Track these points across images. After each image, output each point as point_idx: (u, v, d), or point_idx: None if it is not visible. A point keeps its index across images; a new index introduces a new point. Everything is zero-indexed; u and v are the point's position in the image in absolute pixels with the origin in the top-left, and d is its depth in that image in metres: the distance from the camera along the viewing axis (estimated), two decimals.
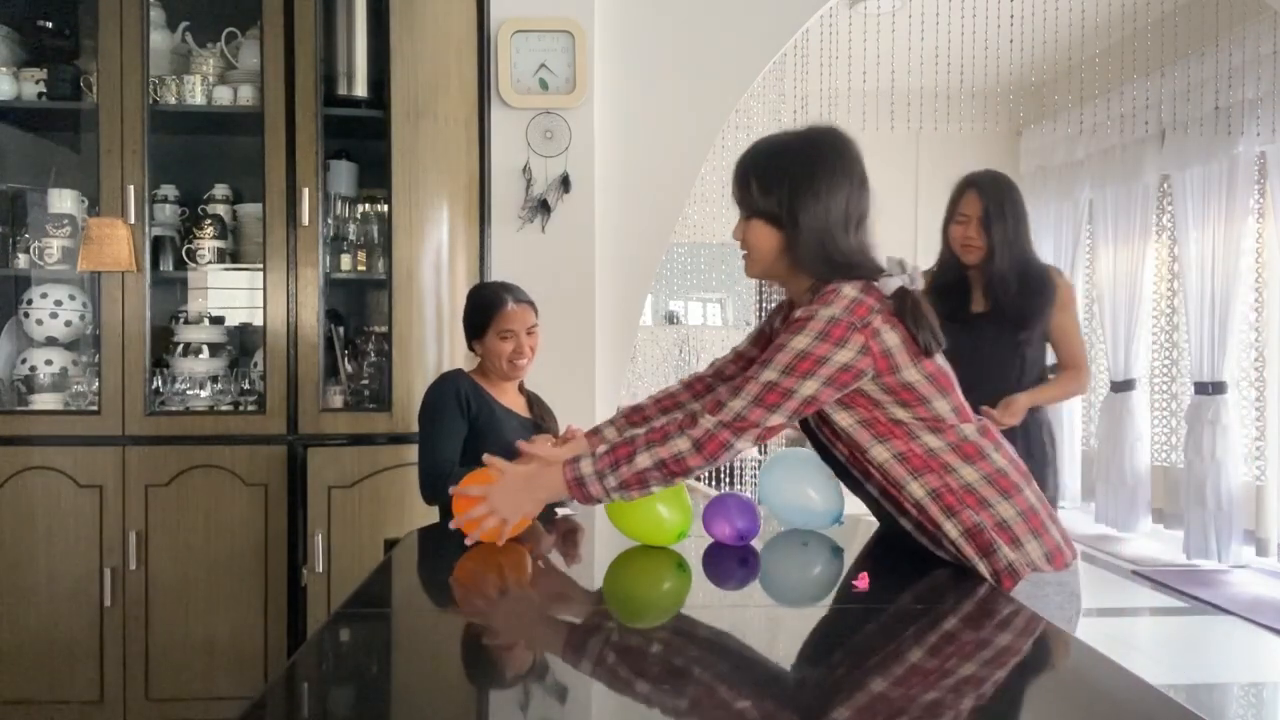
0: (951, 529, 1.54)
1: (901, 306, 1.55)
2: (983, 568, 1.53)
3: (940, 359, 1.60)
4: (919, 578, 1.62)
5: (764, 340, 1.86)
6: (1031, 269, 2.68)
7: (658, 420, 1.88)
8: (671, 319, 6.65)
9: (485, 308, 2.37)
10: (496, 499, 1.63)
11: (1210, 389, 5.38)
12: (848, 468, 1.62)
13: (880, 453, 1.55)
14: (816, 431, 1.64)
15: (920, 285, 1.59)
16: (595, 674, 1.20)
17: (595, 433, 1.95)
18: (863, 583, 1.51)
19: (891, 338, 1.52)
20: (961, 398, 1.61)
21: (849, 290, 1.53)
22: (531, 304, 2.41)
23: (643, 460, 1.52)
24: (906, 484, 1.55)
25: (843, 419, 1.56)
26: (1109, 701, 1.11)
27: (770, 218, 1.60)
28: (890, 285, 1.56)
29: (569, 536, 2.06)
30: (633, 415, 1.93)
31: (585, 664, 1.24)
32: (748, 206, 1.63)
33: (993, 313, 2.66)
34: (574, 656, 1.27)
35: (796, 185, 1.58)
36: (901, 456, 1.55)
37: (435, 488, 2.25)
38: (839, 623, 1.46)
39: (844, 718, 1.06)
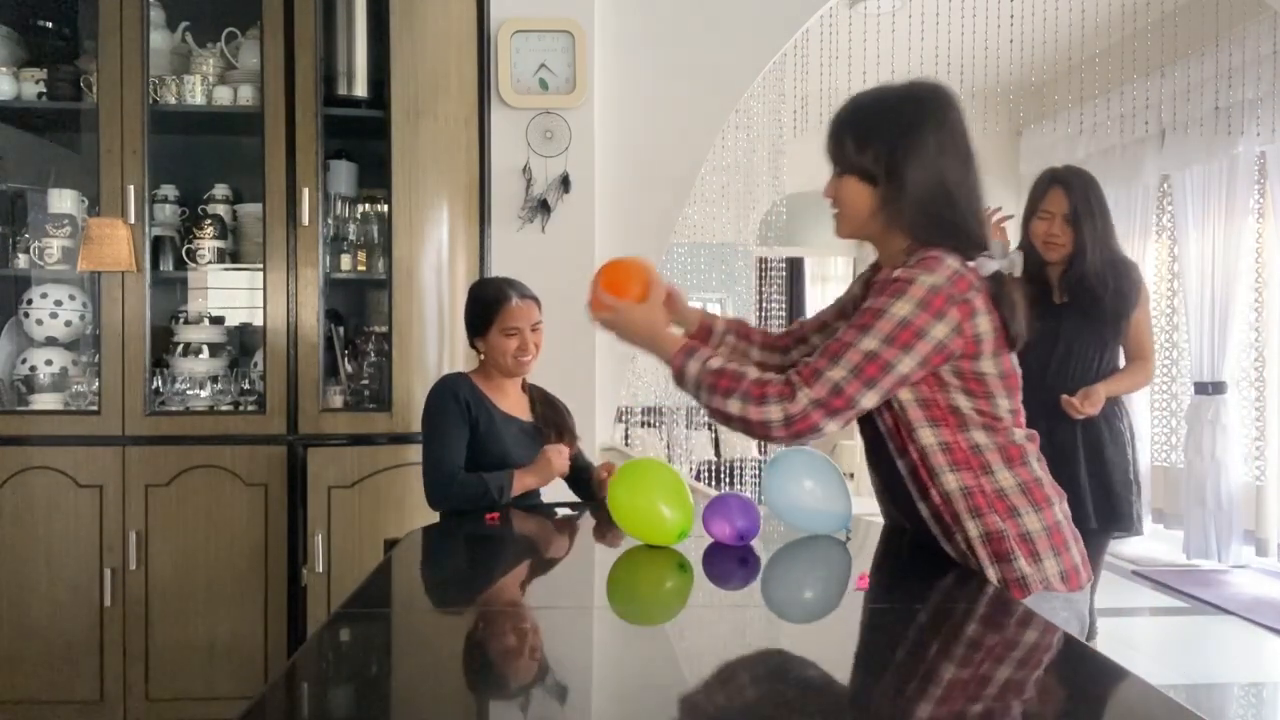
0: (973, 529, 1.51)
1: (999, 292, 1.50)
2: (992, 574, 1.51)
3: (1014, 358, 1.55)
4: (920, 578, 1.62)
5: (842, 307, 1.79)
6: (1120, 265, 2.71)
7: (756, 351, 1.85)
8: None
9: (488, 304, 2.29)
10: (624, 313, 1.64)
11: (1210, 389, 5.38)
12: (886, 439, 1.56)
13: (927, 436, 1.51)
14: None
15: (1019, 273, 1.53)
16: (595, 674, 1.20)
17: (707, 327, 1.86)
18: (863, 582, 1.51)
19: (985, 323, 1.47)
20: (1020, 402, 1.56)
21: (952, 261, 1.46)
22: (536, 300, 2.35)
23: (734, 406, 1.47)
24: (942, 474, 1.51)
25: (903, 392, 1.50)
26: (1109, 701, 1.11)
27: (865, 174, 1.53)
28: (988, 267, 1.50)
29: (570, 537, 2.06)
30: (742, 331, 1.87)
31: (585, 664, 1.24)
32: (841, 162, 1.56)
33: (1076, 307, 2.67)
34: (574, 656, 1.27)
35: (898, 141, 1.50)
36: (946, 446, 1.51)
37: (441, 494, 2.19)
38: (839, 623, 1.45)
39: (842, 716, 1.06)
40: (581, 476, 2.43)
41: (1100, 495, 2.63)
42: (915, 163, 1.49)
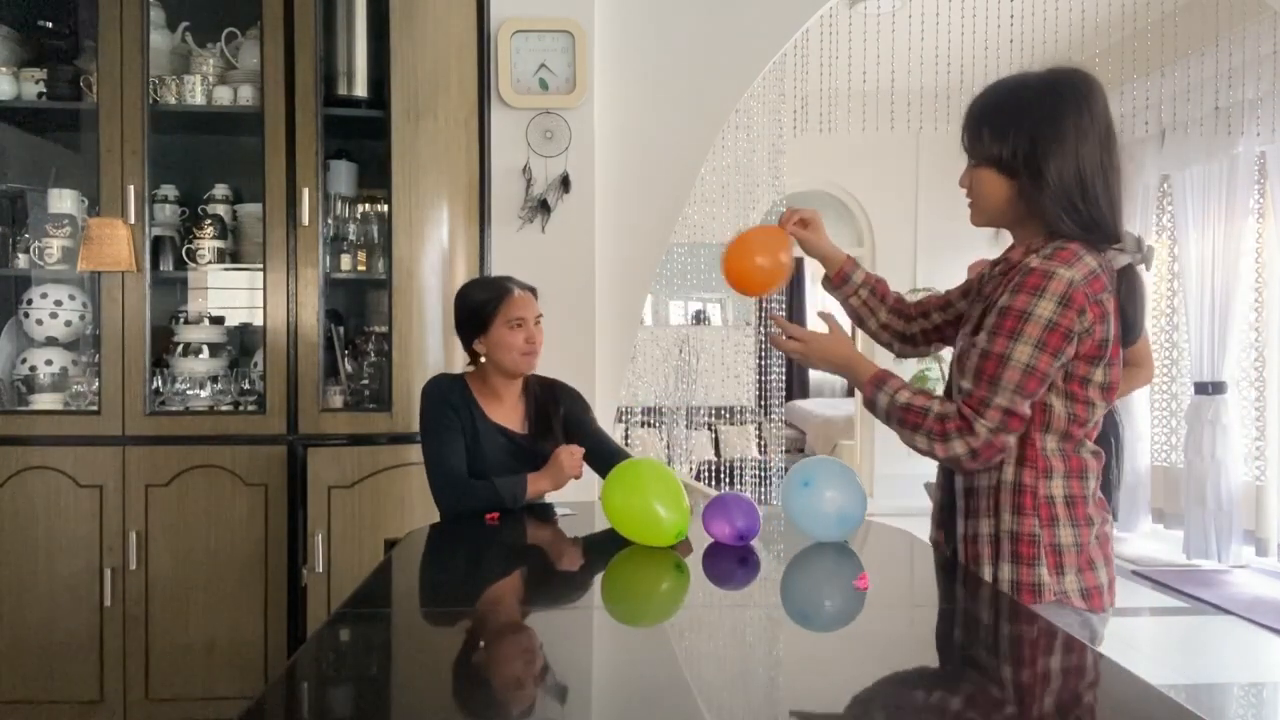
0: (1007, 522, 1.51)
1: (1124, 290, 1.51)
2: (1007, 570, 1.51)
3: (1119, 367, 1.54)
4: (919, 578, 1.62)
5: (966, 287, 1.80)
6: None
7: (884, 313, 1.87)
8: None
9: (489, 298, 2.20)
10: (815, 341, 1.65)
11: (1210, 389, 5.38)
12: None
13: None
14: (953, 373, 1.58)
15: (1150, 268, 1.54)
16: (595, 674, 1.20)
17: (845, 274, 1.87)
18: (863, 582, 1.51)
19: (1111, 328, 1.48)
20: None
21: (1089, 258, 1.46)
22: (534, 291, 2.27)
23: (921, 442, 1.51)
24: (1005, 464, 1.51)
25: None
26: (1109, 701, 1.11)
27: (1002, 166, 1.51)
28: (1120, 261, 1.51)
29: (570, 537, 2.06)
30: (880, 289, 1.88)
31: (585, 664, 1.24)
32: (977, 154, 1.55)
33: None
34: (574, 656, 1.27)
35: (1036, 132, 1.48)
36: (1020, 438, 1.50)
37: (452, 501, 2.13)
38: (839, 623, 1.45)
39: (841, 715, 1.06)
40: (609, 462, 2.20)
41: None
42: (1053, 157, 1.47)
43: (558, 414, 2.30)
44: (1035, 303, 1.43)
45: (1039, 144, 1.47)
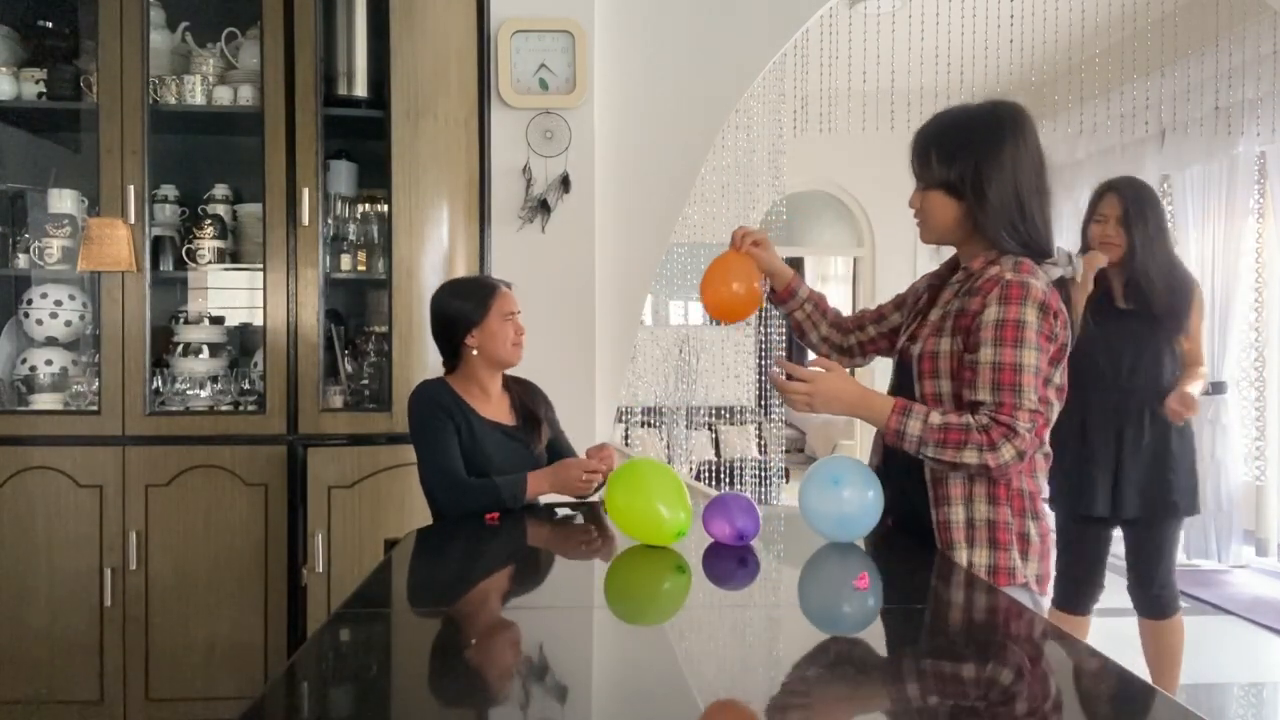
0: (981, 511, 1.62)
1: (1064, 297, 1.62)
2: (981, 556, 1.61)
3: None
4: (918, 576, 1.62)
5: (900, 300, 1.93)
6: (1177, 270, 2.87)
7: (825, 326, 2.01)
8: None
9: (482, 295, 2.25)
10: (822, 382, 1.65)
11: (1210, 389, 5.36)
12: (927, 403, 1.66)
13: None
14: (919, 377, 1.67)
15: (1080, 279, 1.67)
16: (595, 674, 1.20)
17: (792, 289, 2.00)
18: (863, 582, 1.51)
19: (1066, 331, 1.61)
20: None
21: (1041, 271, 1.59)
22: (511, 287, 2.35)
23: (970, 457, 1.55)
24: (934, 467, 1.62)
25: (947, 385, 1.63)
26: (1109, 701, 1.11)
27: (949, 188, 1.65)
28: (1054, 273, 1.62)
29: (570, 537, 2.06)
30: (822, 304, 2.02)
31: (585, 664, 1.24)
32: (926, 177, 1.68)
33: (1140, 310, 2.82)
34: (574, 656, 1.27)
35: (980, 158, 1.62)
36: None
37: (453, 502, 2.14)
38: (839, 623, 1.45)
39: (843, 715, 1.06)
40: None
41: (1164, 488, 2.82)
42: (995, 180, 1.61)
43: (544, 411, 2.37)
44: (1024, 311, 1.55)
45: (982, 168, 1.61)
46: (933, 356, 1.66)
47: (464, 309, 2.25)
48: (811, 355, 2.05)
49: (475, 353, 2.25)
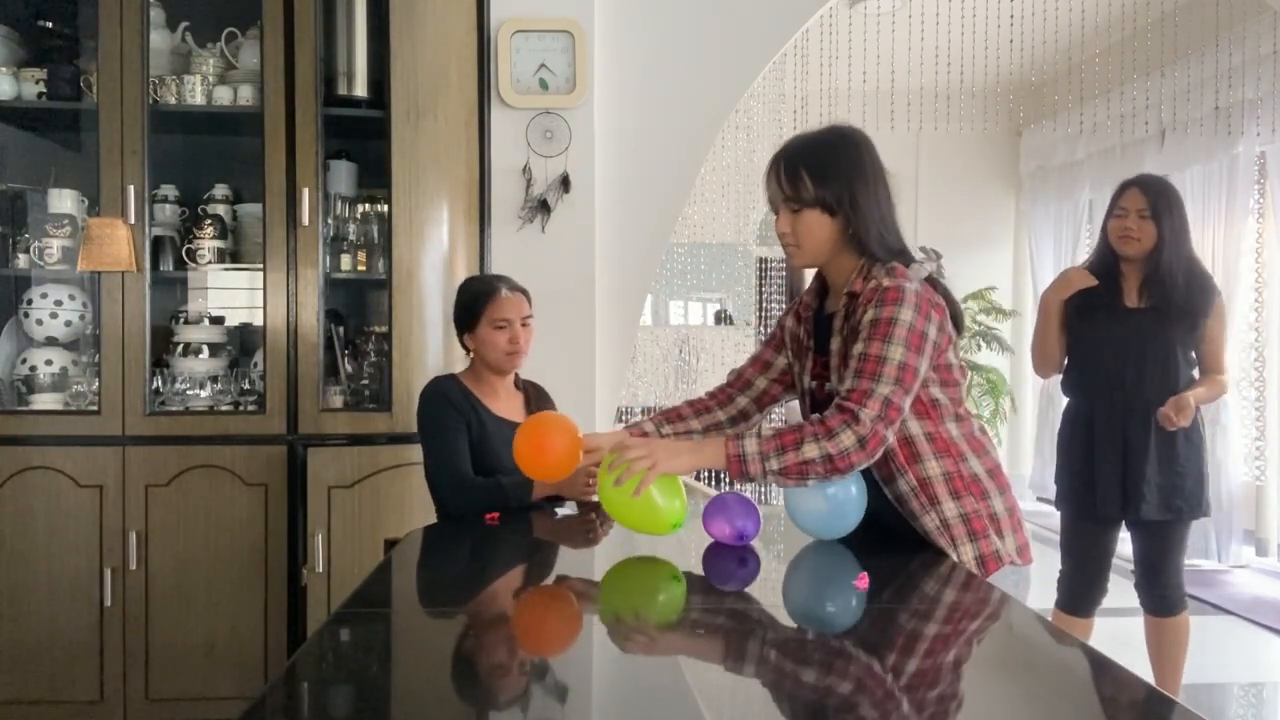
0: (951, 509, 1.67)
1: (942, 291, 1.70)
2: (968, 550, 1.66)
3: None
4: (917, 576, 1.62)
5: (778, 342, 1.92)
6: (1197, 269, 2.82)
7: (695, 421, 1.96)
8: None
9: (476, 297, 2.27)
10: (658, 445, 1.66)
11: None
12: None
13: (914, 427, 1.67)
14: None
15: (942, 275, 1.74)
16: (595, 674, 1.20)
17: (642, 433, 1.95)
18: (863, 582, 1.51)
19: (947, 321, 1.68)
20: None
21: (911, 273, 1.66)
22: (525, 293, 2.32)
23: (810, 451, 1.56)
24: (926, 460, 1.67)
25: None
26: (1109, 701, 1.11)
27: (825, 206, 1.68)
28: (922, 271, 1.68)
29: (570, 536, 2.06)
30: (671, 416, 1.97)
31: (585, 664, 1.24)
32: (800, 199, 1.70)
33: (1154, 308, 2.77)
34: (574, 657, 1.27)
35: (851, 175, 1.68)
36: (930, 435, 1.68)
37: (458, 501, 2.14)
38: (840, 623, 1.45)
39: (844, 715, 1.06)
40: None
41: (1172, 491, 2.78)
42: (864, 194, 1.68)
43: (542, 400, 2.40)
44: (898, 311, 1.60)
45: (854, 184, 1.68)
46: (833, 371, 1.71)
47: (462, 311, 2.29)
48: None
49: (471, 354, 2.31)
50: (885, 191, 1.72)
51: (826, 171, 1.68)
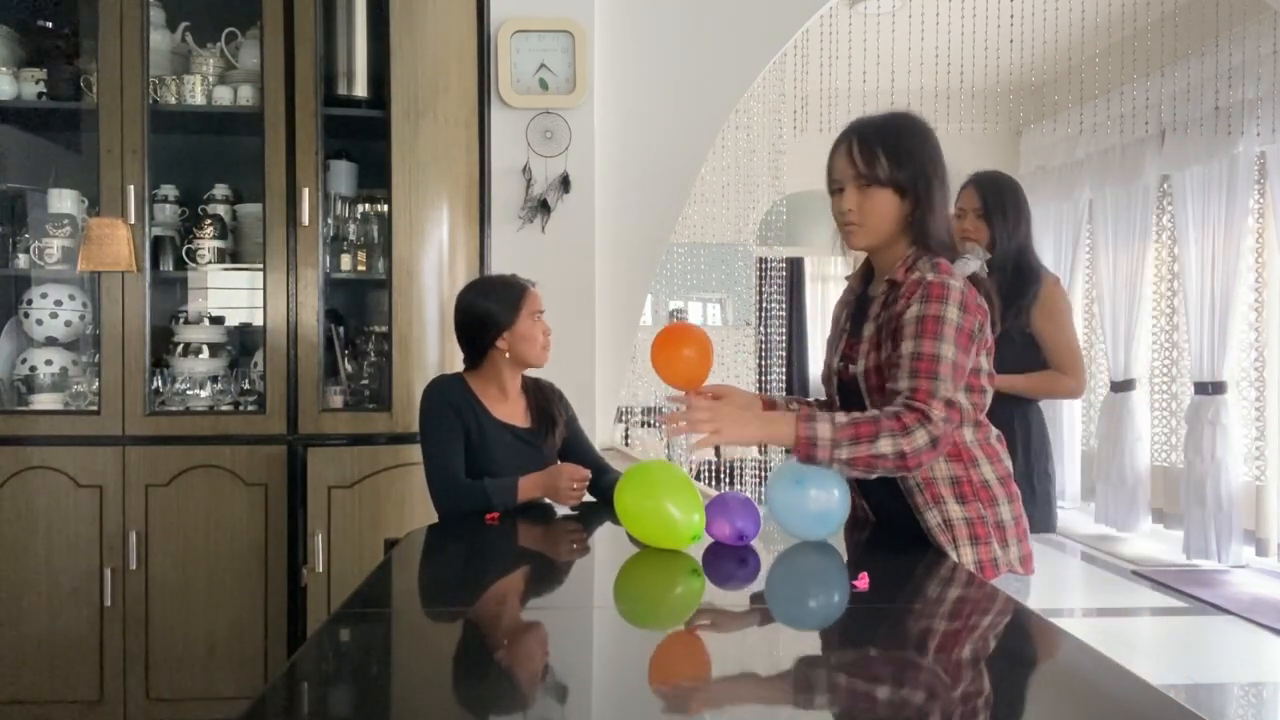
0: (956, 511, 1.66)
1: (984, 291, 1.68)
2: (967, 553, 1.66)
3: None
4: (917, 575, 1.62)
5: (840, 337, 1.85)
6: (1026, 259, 2.67)
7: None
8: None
9: (513, 296, 2.22)
10: (726, 411, 1.63)
11: (1210, 389, 5.38)
12: None
13: None
14: (869, 393, 1.69)
15: (984, 274, 1.73)
16: (595, 674, 1.20)
17: (771, 402, 1.87)
18: (863, 583, 1.51)
19: (988, 324, 1.66)
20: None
21: (956, 269, 1.65)
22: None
23: (884, 446, 1.55)
24: (935, 463, 1.65)
25: None
26: (1109, 701, 1.11)
27: (898, 187, 1.67)
28: (967, 268, 1.67)
29: (570, 537, 2.06)
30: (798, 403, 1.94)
31: (585, 664, 1.24)
32: (874, 177, 1.68)
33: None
34: (574, 657, 1.27)
35: (925, 158, 1.68)
36: None
37: (446, 501, 2.14)
38: (840, 623, 1.45)
39: (847, 716, 1.06)
40: (597, 481, 2.26)
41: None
42: (934, 180, 1.68)
43: (561, 415, 2.35)
44: (945, 309, 1.59)
45: (928, 169, 1.68)
46: (877, 370, 1.68)
47: (495, 310, 2.22)
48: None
49: (507, 355, 2.24)
50: (944, 182, 1.72)
51: (903, 153, 1.67)
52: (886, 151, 1.67)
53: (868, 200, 1.69)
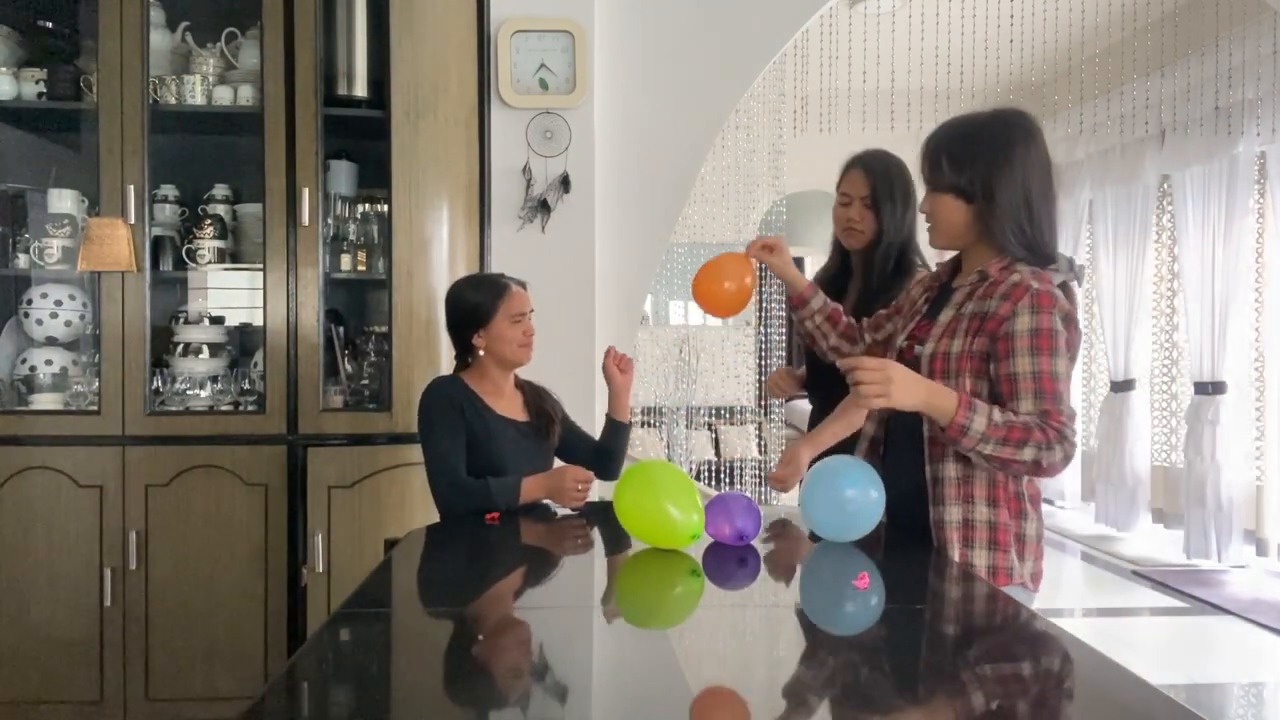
0: (981, 513, 1.65)
1: (1071, 303, 1.68)
2: (981, 557, 1.65)
3: None
4: (918, 575, 1.62)
5: (898, 310, 1.96)
6: (905, 259, 2.40)
7: (833, 338, 2.07)
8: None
9: (491, 293, 2.25)
10: (896, 374, 1.59)
11: (1210, 389, 5.38)
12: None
13: None
14: (930, 377, 1.68)
15: (1082, 284, 1.72)
16: (595, 674, 1.20)
17: (805, 297, 2.05)
18: (863, 582, 1.51)
19: (1078, 339, 1.67)
20: None
21: (1054, 278, 1.66)
22: (525, 286, 2.32)
23: (1028, 454, 1.57)
24: (979, 463, 1.64)
25: (972, 383, 1.65)
26: (1109, 701, 1.11)
27: (959, 192, 1.68)
28: (1056, 279, 1.67)
29: (570, 537, 2.06)
30: (832, 313, 2.07)
31: (585, 664, 1.24)
32: (937, 182, 1.71)
33: (861, 302, 2.37)
34: (574, 657, 1.27)
35: (990, 161, 1.66)
36: None
37: (448, 501, 2.15)
38: (840, 623, 1.45)
39: (848, 715, 1.06)
40: (601, 457, 2.40)
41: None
42: (1004, 184, 1.65)
43: (556, 413, 2.38)
44: (1055, 321, 1.60)
45: (992, 172, 1.65)
46: (945, 357, 1.68)
47: (473, 307, 2.25)
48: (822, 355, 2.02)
49: (482, 352, 2.26)
50: (1039, 186, 1.67)
51: (966, 158, 1.67)
52: (949, 157, 1.68)
53: (937, 203, 1.72)
